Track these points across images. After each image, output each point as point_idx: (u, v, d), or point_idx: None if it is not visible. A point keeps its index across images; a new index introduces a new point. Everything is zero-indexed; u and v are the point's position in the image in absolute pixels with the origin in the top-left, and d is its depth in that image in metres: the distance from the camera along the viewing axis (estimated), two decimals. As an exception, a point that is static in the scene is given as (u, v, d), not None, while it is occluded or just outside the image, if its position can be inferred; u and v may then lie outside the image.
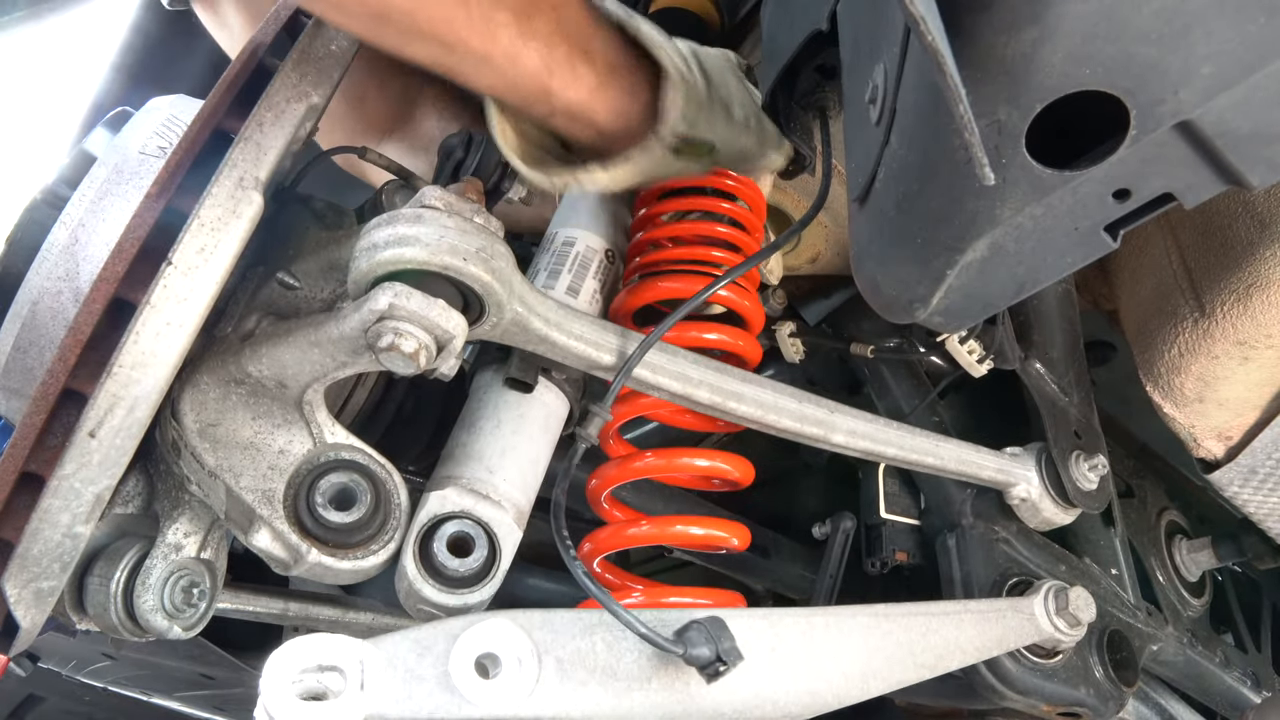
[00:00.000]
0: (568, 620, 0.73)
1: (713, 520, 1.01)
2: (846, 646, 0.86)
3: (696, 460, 1.00)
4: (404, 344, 0.70)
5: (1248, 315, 1.02)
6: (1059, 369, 1.23)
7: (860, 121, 0.74)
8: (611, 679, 0.73)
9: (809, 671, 0.82)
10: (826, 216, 1.23)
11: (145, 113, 0.83)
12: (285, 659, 0.62)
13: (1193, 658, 1.30)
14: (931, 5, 0.52)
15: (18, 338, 0.76)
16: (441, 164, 1.08)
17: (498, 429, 0.93)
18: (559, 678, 0.71)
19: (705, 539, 1.01)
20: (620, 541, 1.00)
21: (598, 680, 0.72)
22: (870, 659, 0.86)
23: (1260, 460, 1.14)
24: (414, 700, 0.66)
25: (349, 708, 0.62)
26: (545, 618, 0.73)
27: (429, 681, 0.67)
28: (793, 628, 0.83)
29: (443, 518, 0.83)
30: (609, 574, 1.03)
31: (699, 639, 0.72)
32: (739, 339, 1.00)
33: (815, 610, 0.87)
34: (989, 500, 1.16)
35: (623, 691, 0.73)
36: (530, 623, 0.72)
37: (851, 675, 0.85)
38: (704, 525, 1.00)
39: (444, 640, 0.69)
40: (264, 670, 0.61)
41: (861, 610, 0.89)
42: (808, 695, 0.81)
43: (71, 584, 0.80)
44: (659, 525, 1.01)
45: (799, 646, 0.83)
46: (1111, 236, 0.64)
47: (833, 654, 0.84)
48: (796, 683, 0.81)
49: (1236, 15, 0.53)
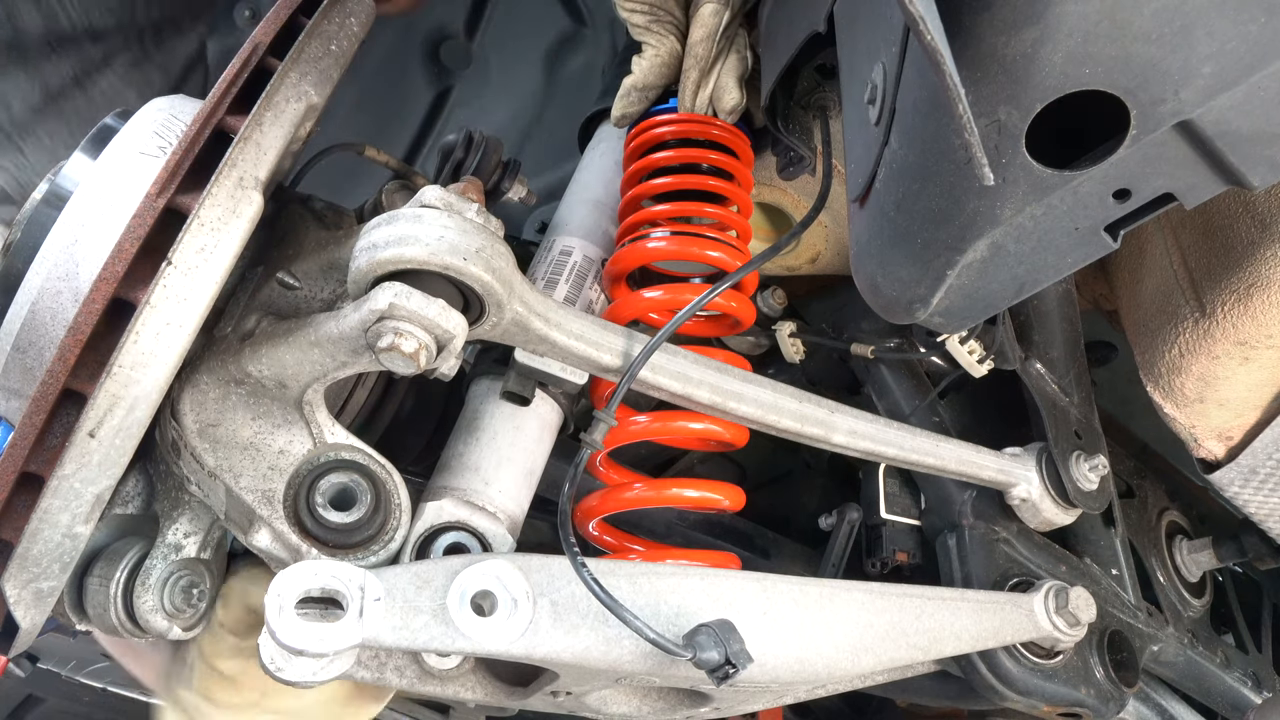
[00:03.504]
0: (565, 566, 0.75)
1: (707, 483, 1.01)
2: (839, 618, 0.86)
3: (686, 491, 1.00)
4: (404, 344, 0.70)
5: (1248, 315, 1.01)
6: (1059, 369, 1.23)
7: (860, 121, 0.74)
8: (603, 625, 0.75)
9: (800, 638, 0.83)
10: (826, 216, 1.23)
11: (145, 112, 0.83)
12: (289, 581, 0.65)
13: (1193, 658, 1.30)
14: (931, 5, 0.52)
15: (18, 338, 0.76)
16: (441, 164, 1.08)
17: (494, 440, 0.94)
18: (552, 621, 0.73)
19: (699, 500, 1.01)
20: (615, 505, 1.00)
21: (589, 626, 0.74)
22: (863, 633, 0.87)
23: (1261, 460, 1.14)
24: (410, 629, 0.68)
25: (347, 631, 0.65)
26: (544, 562, 0.76)
27: (425, 613, 0.69)
28: (786, 594, 0.84)
29: (439, 528, 0.84)
30: (607, 535, 1.04)
31: (708, 642, 0.72)
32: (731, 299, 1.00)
33: (810, 580, 0.87)
34: (989, 500, 1.15)
35: (613, 639, 0.75)
36: (529, 565, 0.75)
37: (842, 647, 0.85)
38: (698, 488, 1.00)
39: (443, 575, 0.71)
40: (268, 591, 0.64)
41: (857, 585, 0.90)
42: (796, 661, 0.82)
43: (71, 584, 0.80)
44: (654, 488, 1.01)
45: (791, 613, 0.84)
46: (1112, 236, 0.64)
47: (825, 624, 0.85)
48: (786, 648, 0.82)
49: (1237, 15, 0.53)
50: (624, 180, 1.09)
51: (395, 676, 0.82)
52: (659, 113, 1.08)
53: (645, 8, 1.02)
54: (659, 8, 1.02)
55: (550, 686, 0.82)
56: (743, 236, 1.06)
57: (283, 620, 0.64)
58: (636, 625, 0.71)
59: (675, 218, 1.04)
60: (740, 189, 1.06)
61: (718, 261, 1.01)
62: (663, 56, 1.04)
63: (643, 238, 1.02)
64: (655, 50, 1.04)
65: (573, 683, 0.81)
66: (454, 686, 0.85)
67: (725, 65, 1.04)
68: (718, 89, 1.04)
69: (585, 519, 1.01)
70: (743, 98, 1.05)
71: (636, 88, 1.06)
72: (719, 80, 1.04)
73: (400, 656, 0.82)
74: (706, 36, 1.01)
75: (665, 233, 1.01)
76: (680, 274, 1.09)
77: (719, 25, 1.01)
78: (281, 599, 0.64)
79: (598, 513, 1.00)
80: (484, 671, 0.87)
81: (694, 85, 1.04)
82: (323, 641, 0.64)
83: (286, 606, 0.64)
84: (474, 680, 0.86)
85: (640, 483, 1.02)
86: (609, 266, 1.04)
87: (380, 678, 0.81)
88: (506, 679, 0.88)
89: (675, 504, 1.03)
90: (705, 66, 1.03)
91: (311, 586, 0.65)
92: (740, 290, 1.03)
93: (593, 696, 0.88)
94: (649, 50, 1.04)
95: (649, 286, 1.00)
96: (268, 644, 0.67)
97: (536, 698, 0.86)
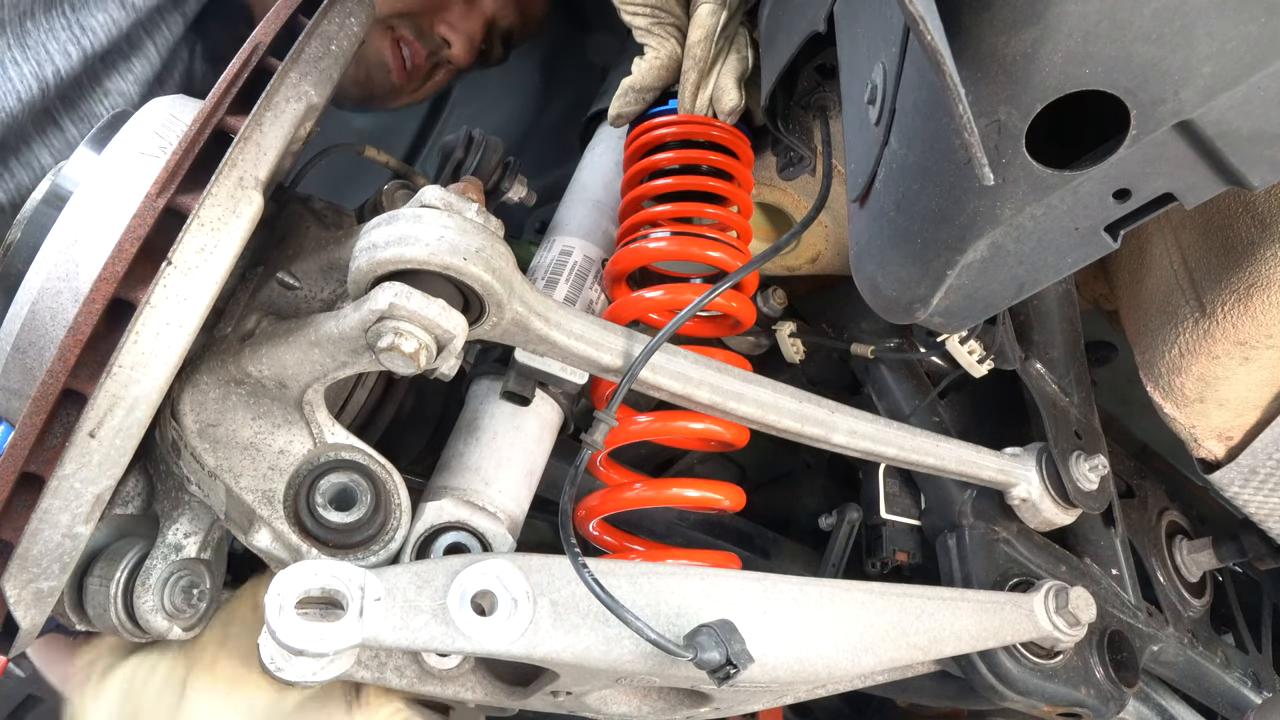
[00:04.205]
0: (565, 566, 0.75)
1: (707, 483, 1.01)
2: (839, 618, 0.86)
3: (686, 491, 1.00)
4: (404, 344, 0.70)
5: (1248, 315, 1.01)
6: (1059, 369, 1.23)
7: (860, 121, 0.74)
8: (603, 625, 0.74)
9: (800, 638, 0.83)
10: (826, 216, 1.23)
11: (144, 112, 0.83)
12: (290, 581, 0.65)
13: (1193, 658, 1.29)
14: (931, 5, 0.52)
15: (18, 338, 0.76)
16: (441, 164, 1.09)
17: (494, 440, 0.94)
18: (552, 621, 0.73)
19: (700, 500, 1.00)
20: (615, 505, 1.00)
21: (590, 626, 0.74)
22: (863, 633, 0.87)
23: (1261, 460, 1.14)
24: (410, 629, 0.68)
25: (347, 631, 0.65)
26: (544, 561, 0.75)
27: (426, 613, 0.69)
28: (786, 594, 0.84)
29: (439, 528, 0.84)
30: (607, 535, 1.04)
31: (709, 643, 0.72)
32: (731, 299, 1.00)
33: (810, 580, 0.87)
34: (989, 500, 1.15)
35: (614, 639, 0.75)
36: (529, 565, 0.74)
37: (842, 646, 0.85)
38: (699, 488, 1.00)
39: (444, 575, 0.71)
40: (268, 590, 0.64)
41: (857, 585, 0.90)
42: (797, 661, 0.82)
43: (71, 585, 0.80)
44: (655, 488, 1.01)
45: (791, 613, 0.83)
46: (1112, 237, 0.64)
47: (825, 624, 0.85)
48: (786, 648, 0.82)
49: (1237, 15, 0.53)
50: (624, 181, 1.09)
51: (395, 676, 0.82)
52: (660, 113, 1.08)
53: (647, 10, 1.02)
54: (660, 9, 1.02)
55: (550, 686, 0.82)
56: (743, 237, 1.06)
57: (283, 620, 0.64)
58: (637, 625, 0.71)
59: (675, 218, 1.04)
60: (740, 190, 1.06)
61: (718, 262, 1.00)
62: (663, 59, 1.04)
63: (643, 238, 1.02)
64: (656, 53, 1.04)
65: (573, 683, 0.81)
66: (454, 686, 0.85)
67: (725, 66, 1.04)
68: (717, 90, 1.04)
69: (586, 519, 1.01)
70: (742, 99, 1.04)
71: (634, 89, 1.06)
72: (718, 81, 1.04)
73: (400, 656, 0.82)
74: (704, 38, 1.01)
75: (665, 233, 1.01)
76: (680, 275, 1.09)
77: (716, 25, 1.01)
78: (281, 599, 0.64)
79: (598, 513, 1.00)
80: (484, 671, 0.87)
81: (693, 87, 1.04)
82: (323, 641, 0.64)
83: (286, 606, 0.64)
84: (474, 680, 0.86)
85: (640, 483, 1.02)
86: (609, 267, 1.04)
87: (380, 677, 0.81)
88: (506, 679, 0.88)
89: (676, 504, 1.03)
90: (704, 68, 1.03)
91: (311, 586, 0.65)
92: (741, 291, 1.03)
93: (593, 696, 0.88)
94: (650, 52, 1.04)
95: (649, 287, 1.00)
96: (268, 644, 0.67)
97: (536, 698, 0.86)
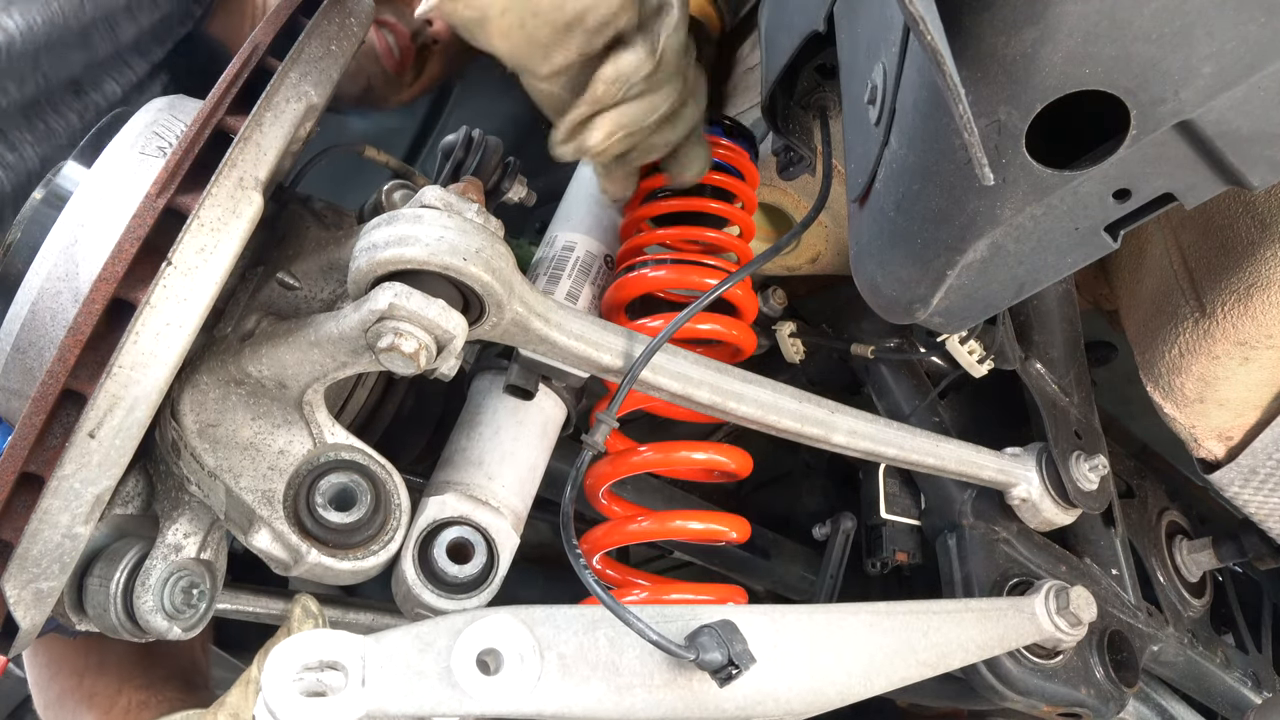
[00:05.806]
0: (570, 616, 0.73)
1: (712, 514, 1.01)
2: (849, 643, 0.86)
3: (694, 453, 1.00)
4: (404, 344, 0.70)
5: (1248, 315, 1.01)
6: (1059, 369, 1.23)
7: (860, 121, 0.74)
8: (614, 675, 0.73)
9: (812, 668, 0.82)
10: (826, 216, 1.23)
11: (144, 112, 0.83)
12: (286, 655, 0.62)
13: (1193, 658, 1.29)
14: (931, 5, 0.52)
15: (17, 338, 0.76)
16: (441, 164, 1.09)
17: (497, 435, 0.93)
18: (561, 674, 0.71)
19: (705, 533, 1.00)
20: (620, 538, 0.99)
21: (600, 676, 0.72)
22: (872, 656, 0.87)
23: (1261, 460, 1.14)
24: (416, 696, 0.65)
25: (350, 704, 0.62)
26: (548, 613, 0.73)
27: (431, 677, 0.66)
28: (795, 625, 0.83)
29: (442, 523, 0.84)
30: (610, 570, 1.03)
31: (711, 643, 0.71)
32: (733, 328, 1.00)
33: (817, 607, 0.87)
34: (989, 500, 1.15)
35: (625, 688, 0.73)
36: (533, 618, 0.72)
37: (854, 672, 0.85)
38: (703, 520, 1.00)
39: (446, 636, 0.69)
40: (265, 666, 0.61)
41: (863, 608, 0.90)
42: (810, 692, 0.81)
43: (71, 585, 0.80)
44: (658, 521, 1.01)
45: (802, 643, 0.83)
46: (1112, 237, 0.64)
47: (835, 651, 0.84)
48: (799, 679, 0.81)
49: (1237, 15, 0.53)
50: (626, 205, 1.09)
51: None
52: None
53: None
54: None
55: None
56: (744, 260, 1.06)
57: (282, 698, 0.60)
58: (639, 627, 0.70)
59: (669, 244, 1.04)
60: (743, 212, 1.06)
61: None
62: None
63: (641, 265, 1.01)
64: None
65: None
66: None
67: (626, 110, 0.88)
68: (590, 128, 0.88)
69: (590, 553, 1.00)
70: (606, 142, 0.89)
71: None
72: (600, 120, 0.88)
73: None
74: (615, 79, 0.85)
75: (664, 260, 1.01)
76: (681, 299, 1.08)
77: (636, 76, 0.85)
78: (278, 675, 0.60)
79: (602, 546, 0.99)
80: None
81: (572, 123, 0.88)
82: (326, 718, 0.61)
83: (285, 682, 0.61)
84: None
85: (645, 516, 1.01)
86: (608, 295, 1.03)
87: None
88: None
89: (680, 537, 1.02)
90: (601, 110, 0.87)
91: (309, 660, 0.62)
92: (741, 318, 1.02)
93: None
94: None
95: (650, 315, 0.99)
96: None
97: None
